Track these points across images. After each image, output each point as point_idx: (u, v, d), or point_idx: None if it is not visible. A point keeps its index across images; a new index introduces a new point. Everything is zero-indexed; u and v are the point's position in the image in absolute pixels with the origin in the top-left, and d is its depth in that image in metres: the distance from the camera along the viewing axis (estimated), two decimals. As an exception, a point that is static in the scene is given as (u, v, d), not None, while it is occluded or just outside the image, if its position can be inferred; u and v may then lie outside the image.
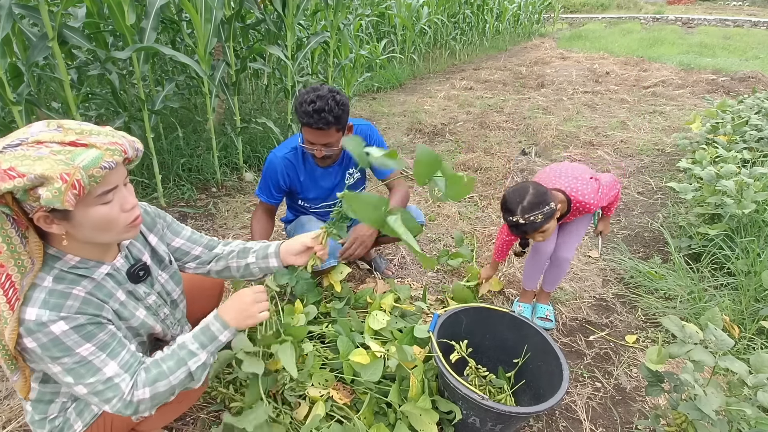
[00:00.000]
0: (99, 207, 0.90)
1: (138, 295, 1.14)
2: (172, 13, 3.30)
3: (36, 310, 0.88)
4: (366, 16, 6.38)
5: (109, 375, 0.95)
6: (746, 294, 2.07)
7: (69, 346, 0.91)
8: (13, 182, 0.78)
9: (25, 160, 0.80)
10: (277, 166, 1.91)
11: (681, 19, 16.36)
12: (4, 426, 1.50)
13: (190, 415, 1.57)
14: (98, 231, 0.93)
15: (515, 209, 1.61)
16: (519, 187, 1.66)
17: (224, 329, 1.10)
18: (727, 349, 1.22)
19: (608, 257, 2.63)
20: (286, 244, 1.35)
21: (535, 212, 1.59)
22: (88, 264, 0.99)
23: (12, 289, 0.88)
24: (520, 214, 1.60)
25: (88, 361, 0.94)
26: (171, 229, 1.31)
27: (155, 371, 1.01)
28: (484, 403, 1.26)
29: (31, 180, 0.78)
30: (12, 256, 0.88)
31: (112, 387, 0.95)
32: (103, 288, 1.02)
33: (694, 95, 6.25)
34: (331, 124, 1.65)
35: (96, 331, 0.96)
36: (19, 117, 2.29)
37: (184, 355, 1.05)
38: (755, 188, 2.40)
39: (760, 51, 9.52)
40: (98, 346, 0.96)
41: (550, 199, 1.62)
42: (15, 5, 2.17)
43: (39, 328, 0.88)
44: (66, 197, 0.81)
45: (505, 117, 5.31)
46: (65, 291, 0.93)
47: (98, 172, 0.85)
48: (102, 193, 0.89)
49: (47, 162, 0.80)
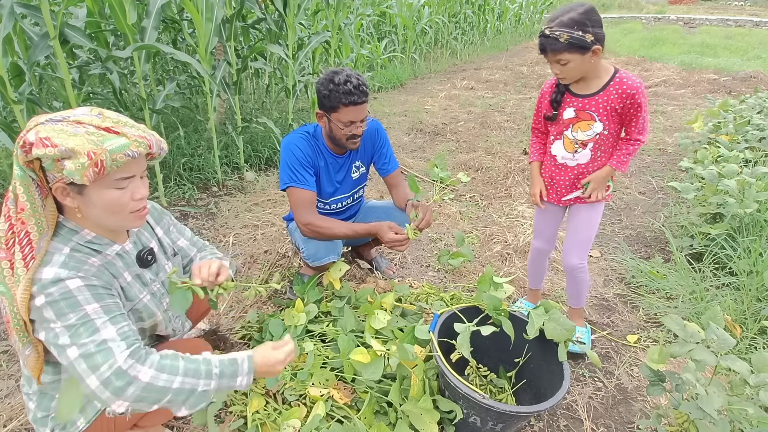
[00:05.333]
0: (112, 190, 0.98)
1: (144, 280, 1.17)
2: (173, 13, 3.30)
3: (55, 269, 0.94)
4: (367, 16, 6.38)
5: (104, 337, 0.94)
6: (748, 293, 2.06)
7: (78, 301, 0.95)
8: (44, 150, 0.87)
9: (61, 134, 0.89)
10: (299, 142, 1.82)
11: (682, 18, 16.34)
12: (5, 424, 1.50)
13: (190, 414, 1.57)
14: (106, 212, 1.00)
15: (555, 18, 1.45)
16: (576, 4, 1.47)
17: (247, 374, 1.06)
18: (729, 348, 1.22)
19: (609, 257, 2.63)
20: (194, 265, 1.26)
21: (566, 29, 1.41)
22: (102, 241, 1.06)
23: (29, 246, 0.94)
24: (553, 24, 1.44)
25: (91, 319, 0.94)
26: (177, 228, 1.37)
27: (171, 362, 0.97)
28: (484, 403, 1.26)
29: (61, 151, 0.88)
30: (33, 215, 0.94)
31: (105, 351, 0.92)
32: (113, 266, 1.08)
33: (696, 95, 6.23)
34: (368, 95, 1.72)
35: (105, 296, 1.00)
36: (21, 116, 2.29)
37: (203, 370, 1.00)
38: (757, 188, 2.40)
39: (761, 51, 9.50)
40: (104, 308, 0.98)
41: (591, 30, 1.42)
42: (17, 4, 2.17)
43: (55, 284, 0.93)
44: (86, 172, 0.90)
45: (507, 117, 5.30)
46: (82, 258, 1.00)
47: (121, 158, 0.93)
48: (119, 178, 0.97)
49: (80, 139, 0.89)
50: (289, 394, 1.52)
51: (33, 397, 1.11)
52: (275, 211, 3.06)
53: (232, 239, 2.70)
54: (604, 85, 1.57)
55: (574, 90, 1.63)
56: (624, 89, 1.53)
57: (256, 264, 2.43)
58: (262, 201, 3.19)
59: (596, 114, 1.60)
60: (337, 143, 1.84)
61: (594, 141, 1.64)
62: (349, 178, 2.01)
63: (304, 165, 1.80)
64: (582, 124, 1.63)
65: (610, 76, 1.56)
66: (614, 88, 1.55)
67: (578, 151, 1.68)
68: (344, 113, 1.70)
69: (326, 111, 1.74)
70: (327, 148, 1.89)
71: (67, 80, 2.39)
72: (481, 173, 3.75)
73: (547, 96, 1.71)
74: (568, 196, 1.77)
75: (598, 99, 1.58)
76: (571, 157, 1.70)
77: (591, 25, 1.43)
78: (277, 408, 1.49)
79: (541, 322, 1.39)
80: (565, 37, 1.41)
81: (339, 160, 1.94)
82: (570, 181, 1.74)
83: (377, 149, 2.02)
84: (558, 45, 1.43)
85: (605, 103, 1.58)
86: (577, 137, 1.66)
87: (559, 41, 1.42)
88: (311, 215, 1.79)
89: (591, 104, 1.60)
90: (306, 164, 1.80)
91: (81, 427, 1.11)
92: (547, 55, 1.50)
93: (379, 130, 2.00)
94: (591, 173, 1.69)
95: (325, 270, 2.04)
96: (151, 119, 2.85)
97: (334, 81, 1.65)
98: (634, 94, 1.52)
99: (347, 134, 1.77)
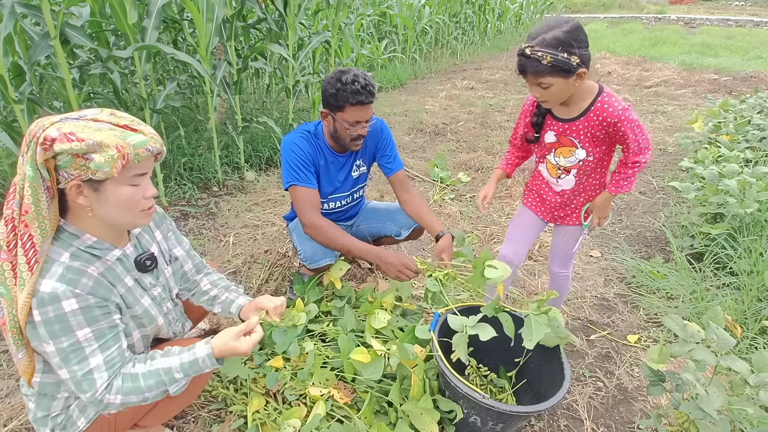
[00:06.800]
0: (128, 187, 0.99)
1: (144, 285, 1.18)
2: (173, 13, 3.30)
3: (52, 283, 0.94)
4: (367, 16, 6.38)
5: (91, 367, 0.99)
6: (749, 293, 2.06)
7: (71, 326, 0.96)
8: (70, 144, 0.88)
9: (86, 129, 0.91)
10: (299, 141, 1.81)
11: (683, 18, 16.34)
12: (5, 424, 1.50)
13: (191, 414, 1.57)
14: (120, 210, 1.01)
15: (536, 35, 1.29)
16: (560, 19, 1.30)
17: (211, 365, 1.11)
18: (729, 348, 1.22)
19: (610, 257, 2.63)
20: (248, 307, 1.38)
21: (550, 50, 1.25)
22: (103, 246, 1.06)
23: (33, 250, 0.94)
24: (533, 43, 1.28)
25: (81, 347, 0.98)
26: (176, 236, 1.36)
27: (132, 384, 1.03)
28: (485, 403, 1.26)
29: (89, 145, 0.89)
30: (37, 217, 0.93)
31: (89, 381, 0.99)
32: (113, 271, 1.08)
33: (696, 95, 6.23)
34: (374, 96, 1.71)
35: (99, 317, 1.00)
36: (21, 116, 2.30)
37: (166, 380, 1.06)
38: (758, 188, 2.40)
39: (762, 51, 9.50)
40: (95, 333, 0.99)
41: (578, 52, 1.26)
42: (17, 4, 2.17)
43: (51, 302, 0.93)
44: (116, 164, 0.92)
45: (507, 117, 5.30)
46: (81, 268, 0.99)
47: (143, 152, 0.96)
48: (135, 174, 0.99)
49: (106, 133, 0.91)
50: (290, 393, 1.52)
51: (32, 397, 1.11)
52: (275, 210, 3.07)
53: (233, 239, 2.70)
54: (585, 110, 1.41)
55: (555, 113, 1.49)
56: (605, 116, 1.38)
57: (257, 264, 2.43)
58: (263, 201, 3.20)
59: (577, 141, 1.47)
60: (339, 142, 1.83)
61: (578, 168, 1.52)
62: (349, 178, 2.00)
63: (305, 163, 1.80)
64: (564, 149, 1.51)
65: (593, 99, 1.41)
66: (595, 114, 1.40)
67: (561, 176, 1.57)
68: (350, 113, 1.70)
69: (332, 110, 1.73)
70: (328, 146, 1.88)
71: (68, 80, 2.39)
72: (481, 173, 3.75)
73: (528, 115, 1.57)
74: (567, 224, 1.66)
75: (579, 125, 1.44)
76: (555, 182, 1.60)
77: (577, 45, 1.27)
78: (277, 408, 1.50)
79: (542, 333, 1.28)
80: (549, 59, 1.25)
81: (340, 158, 1.93)
82: (558, 204, 1.65)
83: (380, 148, 2.00)
84: (540, 67, 1.27)
85: (586, 129, 1.44)
86: (560, 162, 1.54)
87: (541, 63, 1.26)
88: (318, 217, 1.78)
89: (572, 129, 1.46)
90: (307, 162, 1.81)
91: (81, 427, 1.11)
92: (526, 76, 1.34)
93: (383, 128, 1.98)
94: (578, 200, 1.60)
95: (323, 271, 2.03)
96: (151, 119, 2.85)
97: (342, 80, 1.64)
98: (616, 122, 1.37)
99: (352, 134, 1.76)
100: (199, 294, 1.44)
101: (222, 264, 2.45)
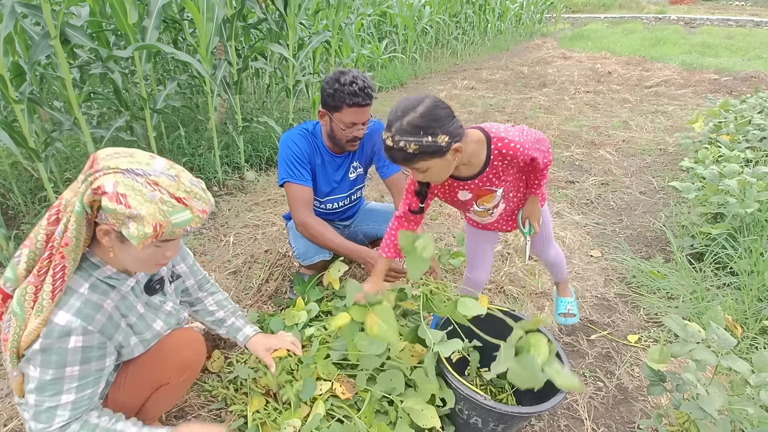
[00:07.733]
0: (152, 248, 1.00)
1: (154, 305, 1.21)
2: (174, 12, 3.30)
3: (68, 316, 0.96)
4: (368, 16, 6.38)
5: (60, 403, 1.00)
6: (749, 293, 2.06)
7: (66, 361, 0.98)
8: (117, 206, 0.88)
9: (138, 196, 0.90)
10: (296, 138, 1.82)
11: (683, 18, 16.32)
12: (5, 424, 1.50)
13: (191, 413, 1.57)
14: (137, 263, 1.04)
15: (392, 124, 1.18)
16: (413, 100, 1.19)
17: None
18: (730, 348, 1.22)
19: (610, 257, 2.63)
20: (257, 339, 1.46)
21: (411, 138, 1.15)
22: (120, 276, 1.09)
23: (61, 280, 0.95)
24: (392, 132, 1.17)
25: (61, 382, 0.99)
26: (181, 251, 1.36)
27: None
28: (485, 403, 1.26)
29: (132, 215, 0.89)
30: (74, 250, 0.95)
31: (49, 415, 1.00)
32: (125, 301, 1.11)
33: (697, 95, 6.23)
34: (373, 98, 1.71)
35: (93, 359, 1.03)
36: (21, 115, 2.30)
37: None
38: (758, 187, 2.40)
39: (762, 51, 9.49)
40: (81, 373, 1.01)
41: (441, 130, 1.17)
42: (18, 4, 2.17)
43: (60, 335, 0.95)
44: (145, 242, 0.92)
45: (507, 116, 5.30)
46: (98, 303, 1.03)
47: (180, 231, 0.97)
48: (163, 240, 0.99)
49: (153, 207, 0.91)
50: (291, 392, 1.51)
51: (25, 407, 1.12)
52: (276, 210, 3.07)
53: (233, 239, 2.70)
54: (486, 161, 1.36)
55: (459, 174, 1.41)
56: (504, 154, 1.33)
57: (257, 263, 2.43)
58: (263, 201, 3.20)
59: (493, 186, 1.45)
60: (336, 143, 1.84)
61: (501, 198, 1.52)
62: (346, 179, 2.00)
63: (301, 161, 1.81)
64: (484, 198, 1.49)
65: (486, 149, 1.34)
66: (497, 159, 1.36)
67: (492, 212, 1.57)
68: (347, 114, 1.70)
69: (329, 110, 1.73)
70: (325, 146, 1.88)
71: (68, 80, 2.40)
72: (481, 173, 3.74)
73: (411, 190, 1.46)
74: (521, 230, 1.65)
75: (487, 175, 1.40)
76: (488, 217, 1.60)
77: (439, 125, 1.16)
78: (277, 407, 1.49)
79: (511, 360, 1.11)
80: (413, 147, 1.15)
81: (337, 159, 1.93)
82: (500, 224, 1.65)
83: (377, 151, 1.99)
84: (408, 155, 1.17)
85: (495, 174, 1.40)
86: (486, 206, 1.53)
87: (407, 152, 1.16)
88: (308, 215, 1.79)
89: (482, 182, 1.42)
90: (302, 160, 1.81)
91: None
92: (399, 163, 1.24)
93: (381, 130, 1.97)
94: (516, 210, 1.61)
95: (320, 269, 2.04)
96: (151, 119, 2.85)
97: (340, 81, 1.64)
98: (515, 153, 1.32)
99: (348, 136, 1.76)
100: (204, 313, 1.47)
101: (222, 264, 2.45)
